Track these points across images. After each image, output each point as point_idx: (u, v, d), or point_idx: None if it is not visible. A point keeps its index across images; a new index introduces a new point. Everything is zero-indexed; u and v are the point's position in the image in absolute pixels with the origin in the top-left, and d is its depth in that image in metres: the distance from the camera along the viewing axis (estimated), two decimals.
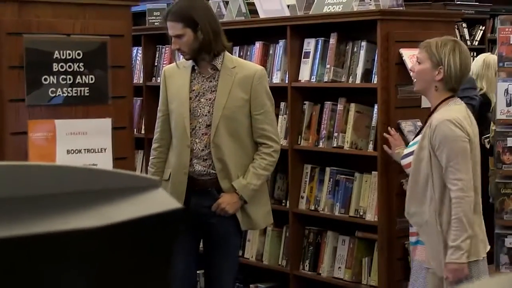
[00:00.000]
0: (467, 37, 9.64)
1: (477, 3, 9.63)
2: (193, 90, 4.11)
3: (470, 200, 3.60)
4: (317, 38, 5.04)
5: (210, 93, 4.08)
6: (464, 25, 9.46)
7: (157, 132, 4.28)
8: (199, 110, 4.08)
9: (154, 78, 6.19)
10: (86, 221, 1.12)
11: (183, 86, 4.11)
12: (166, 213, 1.22)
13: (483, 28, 10.06)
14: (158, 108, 4.29)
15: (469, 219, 3.58)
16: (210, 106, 4.06)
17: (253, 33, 5.43)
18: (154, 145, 4.28)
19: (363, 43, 4.81)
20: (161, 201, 1.24)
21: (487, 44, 10.15)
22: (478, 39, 9.95)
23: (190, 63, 4.14)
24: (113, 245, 1.14)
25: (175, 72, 4.21)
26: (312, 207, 5.10)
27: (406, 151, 3.94)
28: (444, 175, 3.62)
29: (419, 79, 3.86)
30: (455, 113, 3.72)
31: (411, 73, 4.00)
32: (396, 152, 4.41)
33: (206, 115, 4.07)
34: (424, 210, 3.70)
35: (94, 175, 1.24)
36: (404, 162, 3.90)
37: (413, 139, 4.03)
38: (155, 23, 6.89)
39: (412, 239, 3.91)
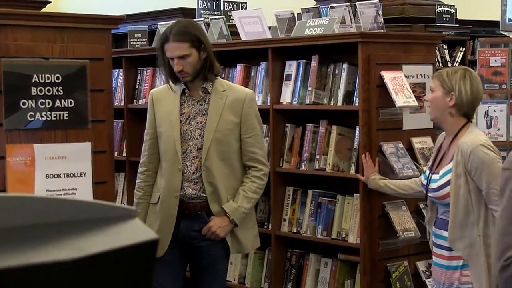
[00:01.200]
0: (448, 58, 9.67)
1: (457, 25, 9.68)
2: (183, 113, 4.08)
3: None
4: (299, 61, 5.05)
5: (201, 116, 4.07)
6: (445, 46, 9.49)
7: (144, 155, 4.23)
8: (190, 133, 4.06)
9: (135, 101, 6.17)
10: (62, 253, 1.10)
11: (173, 109, 4.08)
12: (143, 244, 1.20)
13: (463, 49, 10.11)
14: (146, 131, 4.25)
15: None
16: (201, 129, 4.05)
17: (234, 55, 5.43)
18: (141, 169, 4.23)
19: (345, 66, 4.82)
20: (137, 231, 1.23)
21: (467, 66, 10.20)
22: (459, 60, 10.00)
23: (179, 86, 4.11)
24: (89, 277, 1.12)
25: (163, 95, 4.18)
26: (295, 230, 5.08)
27: (436, 183, 3.89)
28: (487, 198, 3.68)
29: (433, 107, 3.91)
30: (482, 136, 3.84)
31: (426, 103, 4.01)
32: (372, 178, 4.45)
33: (197, 138, 4.05)
34: (466, 235, 3.74)
35: (69, 205, 1.22)
36: (438, 194, 3.85)
37: (435, 168, 3.97)
38: (136, 45, 6.88)
39: (453, 263, 3.88)
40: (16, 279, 1.04)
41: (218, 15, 6.58)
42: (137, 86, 6.20)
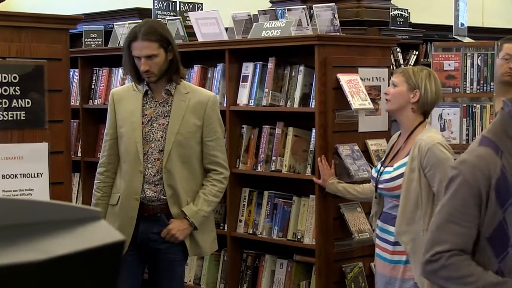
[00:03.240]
0: (401, 61, 9.78)
1: (410, 29, 9.79)
2: (146, 114, 4.05)
3: None
4: (256, 62, 5.07)
5: (163, 118, 4.04)
6: (398, 49, 9.59)
7: (104, 156, 4.19)
8: (152, 135, 4.03)
9: (91, 101, 6.13)
10: (28, 255, 1.10)
11: (135, 110, 4.05)
12: (109, 245, 1.21)
13: (417, 53, 10.23)
14: (105, 131, 4.21)
15: None
16: (163, 131, 4.02)
17: (191, 56, 5.43)
18: (100, 169, 4.19)
19: (301, 68, 4.85)
20: (104, 233, 1.23)
21: None
22: (412, 63, 10.11)
23: (142, 87, 4.08)
24: (55, 279, 1.12)
25: (124, 95, 4.14)
26: (250, 231, 5.10)
27: (390, 174, 3.96)
28: (437, 195, 3.76)
29: (394, 101, 3.98)
30: (439, 136, 3.96)
31: (385, 96, 4.07)
32: (330, 182, 4.50)
33: (159, 140, 4.02)
34: (413, 229, 3.83)
35: (34, 207, 1.22)
36: (390, 185, 3.92)
37: (388, 162, 4.03)
38: (92, 45, 6.84)
39: (396, 257, 3.95)
40: None
41: (174, 16, 6.57)
42: (92, 86, 6.16)
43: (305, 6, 5.26)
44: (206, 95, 4.14)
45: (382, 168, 4.03)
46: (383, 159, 4.14)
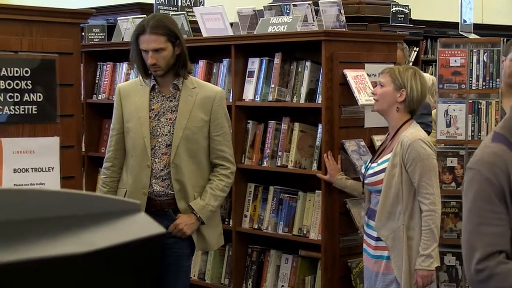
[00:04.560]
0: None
1: (411, 25, 9.80)
2: (153, 109, 4.04)
3: (440, 213, 3.93)
4: (261, 58, 5.07)
5: (171, 113, 4.02)
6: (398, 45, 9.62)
7: (110, 150, 4.16)
8: (159, 130, 4.02)
9: (95, 96, 6.13)
10: (72, 247, 1.10)
11: (142, 104, 4.04)
12: (150, 238, 1.21)
13: (417, 49, 10.25)
14: (112, 126, 4.18)
15: (438, 230, 3.90)
16: (170, 126, 4.00)
17: (196, 51, 5.42)
18: (106, 164, 4.17)
19: (307, 63, 4.85)
20: (144, 225, 1.24)
21: (421, 65, 10.35)
22: (412, 60, 10.13)
23: (149, 81, 4.07)
24: (98, 270, 1.13)
25: (131, 90, 4.13)
26: (256, 226, 5.11)
27: (373, 169, 4.02)
28: (417, 190, 3.88)
29: (382, 101, 4.04)
30: (422, 133, 4.01)
31: (373, 96, 4.12)
32: (339, 178, 4.54)
33: (166, 135, 4.00)
34: (392, 223, 3.91)
35: (76, 199, 1.23)
36: (372, 179, 4.01)
37: (375, 159, 4.10)
38: (95, 40, 6.83)
39: (378, 253, 4.01)
40: (27, 272, 1.05)
41: (176, 11, 6.57)
42: (96, 81, 6.15)
43: (310, 2, 5.26)
44: (214, 90, 4.13)
45: (369, 164, 4.12)
46: (373, 156, 4.23)
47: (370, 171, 4.06)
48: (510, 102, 4.61)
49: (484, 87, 4.75)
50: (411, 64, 9.75)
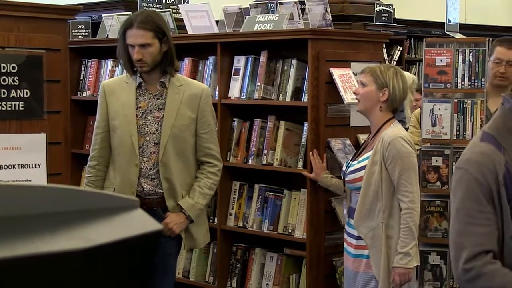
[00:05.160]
0: (386, 57, 9.83)
1: (395, 24, 9.84)
2: (140, 107, 3.99)
3: (418, 211, 3.92)
4: (247, 56, 5.06)
5: (158, 110, 3.98)
6: (383, 45, 9.66)
7: (95, 149, 4.09)
8: (147, 128, 3.97)
9: (79, 92, 6.11)
10: (70, 243, 1.10)
11: (128, 102, 3.98)
12: (147, 234, 1.21)
13: (401, 48, 10.29)
14: (96, 124, 4.10)
15: (417, 229, 3.90)
16: (158, 124, 3.96)
17: (182, 49, 5.41)
18: (91, 163, 4.11)
19: (293, 62, 4.86)
20: (141, 222, 1.24)
21: (404, 64, 10.40)
22: (396, 59, 10.17)
23: (135, 78, 4.02)
24: (95, 267, 1.13)
25: (117, 87, 4.06)
26: (241, 224, 5.11)
27: (353, 167, 4.03)
28: (396, 187, 3.88)
29: (364, 100, 4.04)
30: (403, 131, 4.02)
31: (355, 96, 4.12)
32: (324, 176, 4.53)
33: (154, 133, 3.96)
34: (371, 221, 3.92)
35: (74, 195, 1.23)
36: (352, 177, 4.02)
37: (355, 157, 4.11)
38: (79, 36, 6.81)
39: (359, 251, 4.01)
40: (25, 268, 1.05)
41: (161, 8, 6.56)
42: (81, 78, 6.13)
43: (297, 0, 5.26)
44: (200, 88, 4.10)
45: (350, 162, 4.13)
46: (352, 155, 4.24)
47: (350, 169, 4.06)
48: (495, 101, 4.65)
49: (469, 86, 4.76)
50: (394, 63, 9.79)
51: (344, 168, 4.17)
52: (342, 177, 4.18)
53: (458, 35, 6.31)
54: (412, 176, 3.89)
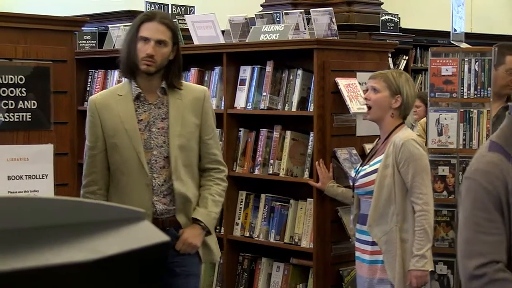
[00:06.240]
0: (391, 66, 9.84)
1: (400, 33, 9.85)
2: (141, 120, 3.62)
3: (433, 213, 3.91)
4: (253, 66, 5.08)
5: (161, 120, 3.63)
6: (389, 54, 9.66)
7: (93, 172, 3.66)
8: (152, 142, 3.62)
9: (86, 103, 6.12)
10: (79, 254, 1.11)
11: (127, 116, 3.60)
12: (155, 245, 1.22)
13: (406, 57, 10.30)
14: (89, 145, 3.67)
15: (432, 230, 3.89)
16: (164, 136, 3.62)
17: (188, 59, 5.41)
18: (91, 188, 3.67)
19: (299, 72, 4.87)
20: (148, 233, 1.25)
21: (410, 74, 10.40)
22: (402, 68, 10.17)
23: (129, 89, 3.64)
24: (102, 279, 1.14)
25: (109, 102, 3.65)
26: (247, 234, 5.11)
27: (364, 171, 4.02)
28: (410, 190, 3.87)
29: (377, 107, 4.01)
30: (414, 134, 4.05)
31: (366, 101, 4.08)
32: (330, 185, 4.54)
33: (161, 146, 3.62)
34: (385, 225, 3.90)
35: (81, 207, 1.24)
36: (363, 180, 4.00)
37: (366, 162, 4.10)
38: (86, 47, 6.83)
39: (374, 257, 4.00)
40: (35, 280, 1.06)
41: None
42: (87, 88, 6.15)
43: (302, 10, 5.28)
44: (201, 90, 3.80)
45: (360, 167, 4.12)
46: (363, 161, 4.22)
47: (361, 173, 4.04)
48: (494, 107, 4.66)
49: (475, 96, 4.76)
50: None
51: (353, 174, 4.15)
52: (352, 184, 4.14)
53: (464, 45, 6.31)
54: (425, 178, 3.89)
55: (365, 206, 4.05)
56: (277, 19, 5.37)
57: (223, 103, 5.17)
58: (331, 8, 5.12)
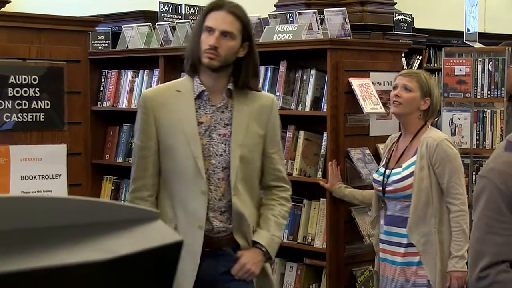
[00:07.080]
0: (405, 66, 9.82)
1: (414, 33, 9.83)
2: (202, 122, 3.22)
3: (468, 213, 3.86)
4: (267, 66, 5.08)
5: (223, 127, 3.23)
6: (402, 54, 9.64)
7: (146, 175, 3.25)
8: (212, 149, 3.21)
9: (99, 103, 6.14)
10: (94, 254, 1.11)
11: (186, 116, 3.21)
12: (168, 245, 1.22)
13: (420, 58, 10.27)
14: (141, 144, 3.26)
15: (469, 231, 3.79)
16: (225, 144, 3.21)
17: None
18: (142, 193, 3.25)
19: (313, 72, 4.87)
20: (162, 233, 1.25)
21: None
22: (415, 68, 10.15)
23: (191, 85, 3.25)
24: (118, 278, 1.14)
25: (167, 98, 3.25)
26: None
27: (399, 175, 3.96)
28: (446, 191, 3.85)
29: (406, 105, 3.97)
30: (446, 135, 4.03)
31: (395, 98, 4.00)
32: (338, 187, 4.52)
33: (221, 155, 3.21)
34: (424, 227, 3.88)
35: (95, 207, 1.24)
36: (400, 185, 3.94)
37: (396, 165, 4.04)
38: (99, 47, 6.85)
39: (408, 259, 3.97)
40: (49, 279, 1.06)
41: (180, 19, 6.59)
42: (101, 88, 6.17)
43: (315, 10, 5.28)
44: (269, 98, 3.37)
45: (388, 171, 4.02)
46: (383, 162, 4.15)
47: (395, 177, 3.96)
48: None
49: (489, 96, 4.76)
50: None
51: (379, 178, 4.04)
52: (380, 188, 4.02)
53: (477, 45, 6.29)
54: (461, 178, 3.89)
55: (393, 207, 4.00)
56: (291, 19, 5.36)
57: None
58: (345, 8, 5.11)
